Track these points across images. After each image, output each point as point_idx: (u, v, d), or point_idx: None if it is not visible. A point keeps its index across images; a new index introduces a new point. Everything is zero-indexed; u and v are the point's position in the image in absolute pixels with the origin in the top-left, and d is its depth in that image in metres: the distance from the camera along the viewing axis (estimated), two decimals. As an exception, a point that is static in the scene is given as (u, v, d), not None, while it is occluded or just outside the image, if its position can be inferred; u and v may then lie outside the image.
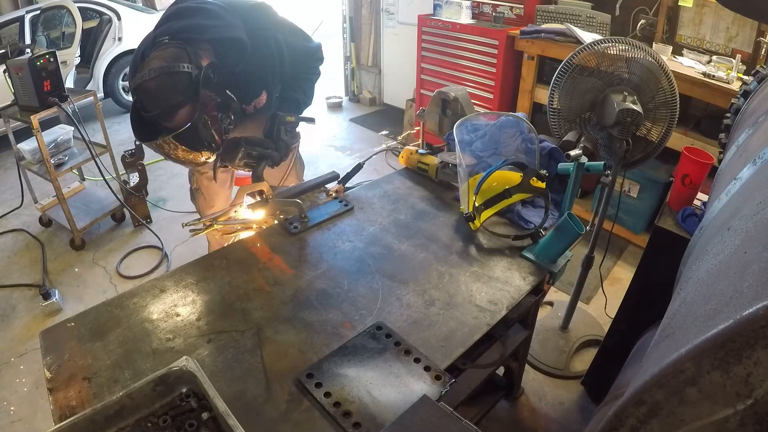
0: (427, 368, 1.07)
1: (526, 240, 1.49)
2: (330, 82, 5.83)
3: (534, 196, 1.64)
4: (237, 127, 1.67)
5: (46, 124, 3.04)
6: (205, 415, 0.91)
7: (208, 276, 1.36)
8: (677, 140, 2.55)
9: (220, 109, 1.53)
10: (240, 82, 1.62)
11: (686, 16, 2.99)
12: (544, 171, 1.54)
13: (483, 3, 3.71)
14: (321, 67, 1.91)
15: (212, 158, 1.57)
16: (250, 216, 1.63)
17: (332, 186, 1.79)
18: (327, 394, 1.01)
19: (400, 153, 1.96)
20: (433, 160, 1.84)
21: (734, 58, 2.61)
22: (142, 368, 1.07)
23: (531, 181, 1.55)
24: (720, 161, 1.32)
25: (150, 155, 3.37)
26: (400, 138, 2.54)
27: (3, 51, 4.14)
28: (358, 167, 1.83)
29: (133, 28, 5.22)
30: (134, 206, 3.27)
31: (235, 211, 1.65)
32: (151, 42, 1.47)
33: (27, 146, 3.03)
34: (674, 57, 2.93)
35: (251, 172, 1.71)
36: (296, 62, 1.77)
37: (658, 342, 0.66)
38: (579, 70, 1.78)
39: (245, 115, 1.74)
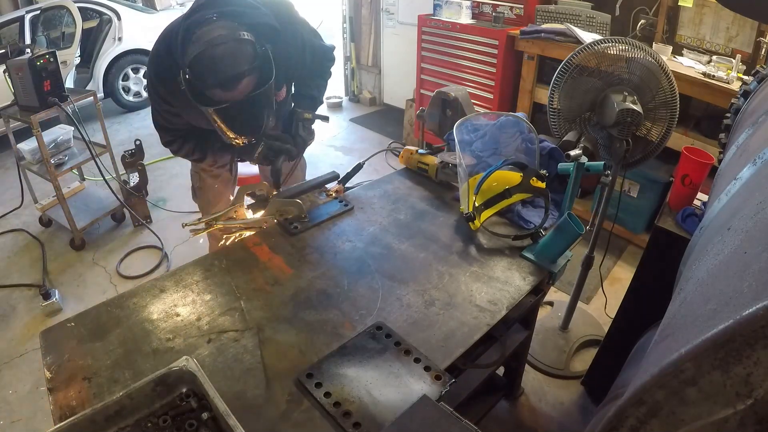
0: (427, 368, 1.07)
1: (526, 240, 1.49)
2: (330, 82, 5.84)
3: (534, 196, 1.64)
4: None
5: (46, 124, 3.04)
6: (205, 415, 0.91)
7: (208, 276, 1.36)
8: (677, 140, 2.55)
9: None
10: None
11: (686, 16, 2.99)
12: (544, 171, 1.54)
13: (483, 3, 3.71)
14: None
15: (241, 141, 1.56)
16: (250, 216, 1.63)
17: (332, 186, 1.79)
18: (327, 394, 1.01)
19: (400, 153, 1.96)
20: (433, 160, 1.84)
21: (734, 58, 2.61)
22: (142, 368, 1.07)
23: (531, 181, 1.55)
24: (720, 161, 1.32)
25: (150, 155, 3.37)
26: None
27: (3, 51, 4.14)
28: (358, 167, 1.83)
29: (133, 28, 5.22)
30: (134, 206, 3.27)
31: (235, 211, 1.65)
32: (184, 28, 1.41)
33: (27, 146, 3.03)
34: (674, 57, 2.93)
35: (270, 167, 1.72)
36: (314, 60, 1.79)
37: (658, 342, 0.66)
38: (579, 70, 1.78)
39: None
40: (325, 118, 1.89)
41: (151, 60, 1.62)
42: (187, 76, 1.36)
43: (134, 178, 3.23)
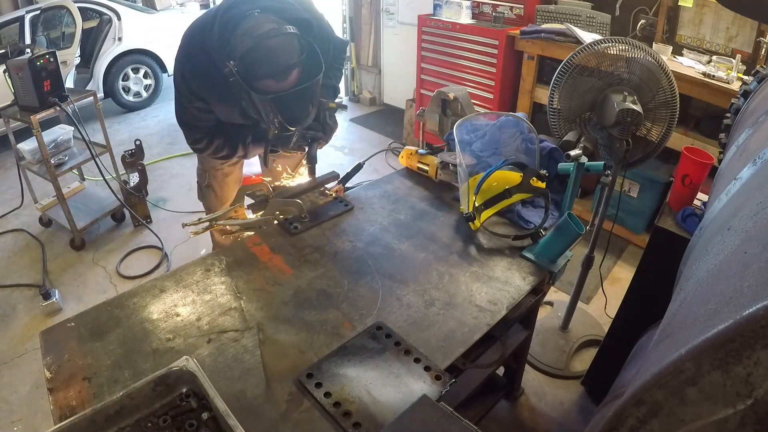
0: (427, 368, 1.07)
1: (526, 240, 1.49)
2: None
3: (534, 196, 1.64)
4: None
5: (46, 124, 3.03)
6: (205, 415, 0.91)
7: (209, 276, 1.36)
8: (677, 140, 2.55)
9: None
10: None
11: (686, 16, 2.99)
12: (544, 171, 1.54)
13: (483, 3, 3.71)
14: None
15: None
16: (251, 216, 1.63)
17: (332, 186, 1.79)
18: (327, 394, 1.01)
19: (400, 153, 1.96)
20: (433, 160, 1.84)
21: (734, 58, 2.61)
22: (142, 368, 1.07)
23: (531, 181, 1.55)
24: (720, 161, 1.32)
25: (150, 155, 3.37)
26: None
27: (3, 51, 4.14)
28: (358, 167, 1.83)
29: (133, 28, 5.22)
30: (134, 206, 3.27)
31: (235, 211, 1.65)
32: (221, 23, 1.46)
33: (27, 146, 3.03)
34: (674, 57, 2.93)
35: (306, 153, 1.81)
36: (335, 53, 1.85)
37: (658, 342, 0.67)
38: (579, 70, 1.77)
39: None
40: (344, 107, 1.94)
41: (183, 57, 1.61)
42: (235, 69, 1.39)
43: (134, 178, 3.23)
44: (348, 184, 1.82)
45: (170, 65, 5.33)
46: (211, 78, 1.52)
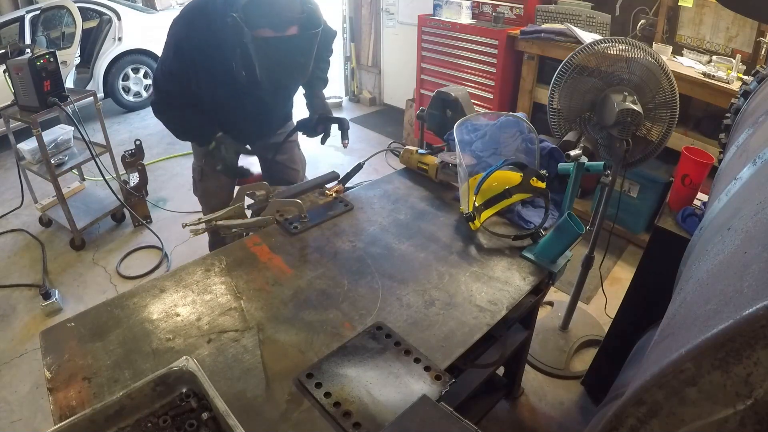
0: (427, 368, 1.07)
1: (526, 240, 1.49)
2: (330, 82, 5.83)
3: (534, 196, 1.64)
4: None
5: (46, 124, 3.04)
6: (205, 415, 0.91)
7: (209, 276, 1.36)
8: (677, 140, 2.55)
9: None
10: None
11: (686, 16, 2.99)
12: (544, 171, 1.54)
13: (483, 3, 3.72)
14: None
15: None
16: (250, 216, 1.63)
17: (332, 186, 1.79)
18: (327, 394, 1.01)
19: (400, 153, 1.96)
20: (433, 160, 1.84)
21: (734, 58, 2.61)
22: (142, 368, 1.07)
23: (531, 181, 1.55)
24: (720, 161, 1.32)
25: (150, 155, 3.37)
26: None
27: (3, 51, 4.14)
28: (358, 167, 1.83)
29: (133, 28, 5.22)
30: (134, 206, 3.27)
31: (235, 211, 1.64)
32: None
33: (27, 146, 3.03)
34: (674, 57, 2.93)
35: (330, 127, 2.04)
36: (325, 41, 1.93)
37: (658, 342, 0.67)
38: (579, 70, 1.78)
39: None
40: None
41: (181, 20, 1.70)
42: (237, 20, 1.50)
43: (134, 178, 3.23)
44: (348, 184, 1.82)
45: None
46: (206, 40, 1.63)
